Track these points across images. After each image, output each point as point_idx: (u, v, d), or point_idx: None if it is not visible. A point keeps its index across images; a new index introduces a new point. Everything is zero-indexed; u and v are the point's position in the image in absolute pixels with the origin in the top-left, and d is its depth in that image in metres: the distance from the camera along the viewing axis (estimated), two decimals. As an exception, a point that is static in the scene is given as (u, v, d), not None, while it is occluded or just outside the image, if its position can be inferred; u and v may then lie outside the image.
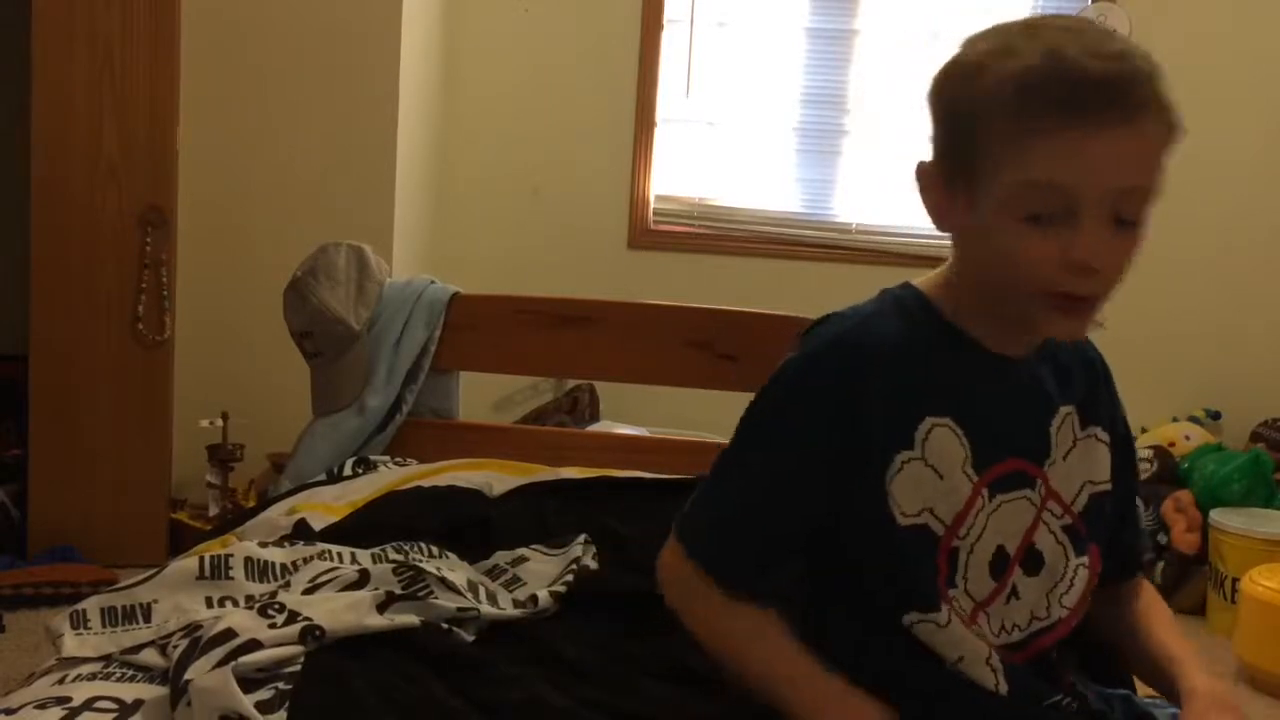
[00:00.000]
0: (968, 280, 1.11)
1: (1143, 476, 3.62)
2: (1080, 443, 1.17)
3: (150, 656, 1.28)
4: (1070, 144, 0.95)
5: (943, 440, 1.09)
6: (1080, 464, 1.17)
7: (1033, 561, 1.13)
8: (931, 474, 1.08)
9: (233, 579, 1.43)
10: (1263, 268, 3.89)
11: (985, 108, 0.99)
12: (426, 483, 1.97)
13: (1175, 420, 3.78)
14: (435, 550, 1.60)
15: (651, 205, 4.14)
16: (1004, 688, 1.09)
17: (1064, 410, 1.16)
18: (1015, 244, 1.00)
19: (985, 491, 1.10)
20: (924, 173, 1.09)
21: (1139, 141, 0.97)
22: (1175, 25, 3.85)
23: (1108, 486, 1.18)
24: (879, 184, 4.05)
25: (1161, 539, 3.38)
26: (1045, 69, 0.95)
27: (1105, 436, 1.19)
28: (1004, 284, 1.04)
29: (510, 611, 1.45)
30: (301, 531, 1.70)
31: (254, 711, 1.10)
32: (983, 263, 1.07)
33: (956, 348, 1.11)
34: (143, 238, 3.15)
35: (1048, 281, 1.00)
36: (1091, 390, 1.20)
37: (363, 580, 1.40)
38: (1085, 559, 1.16)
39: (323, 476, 2.09)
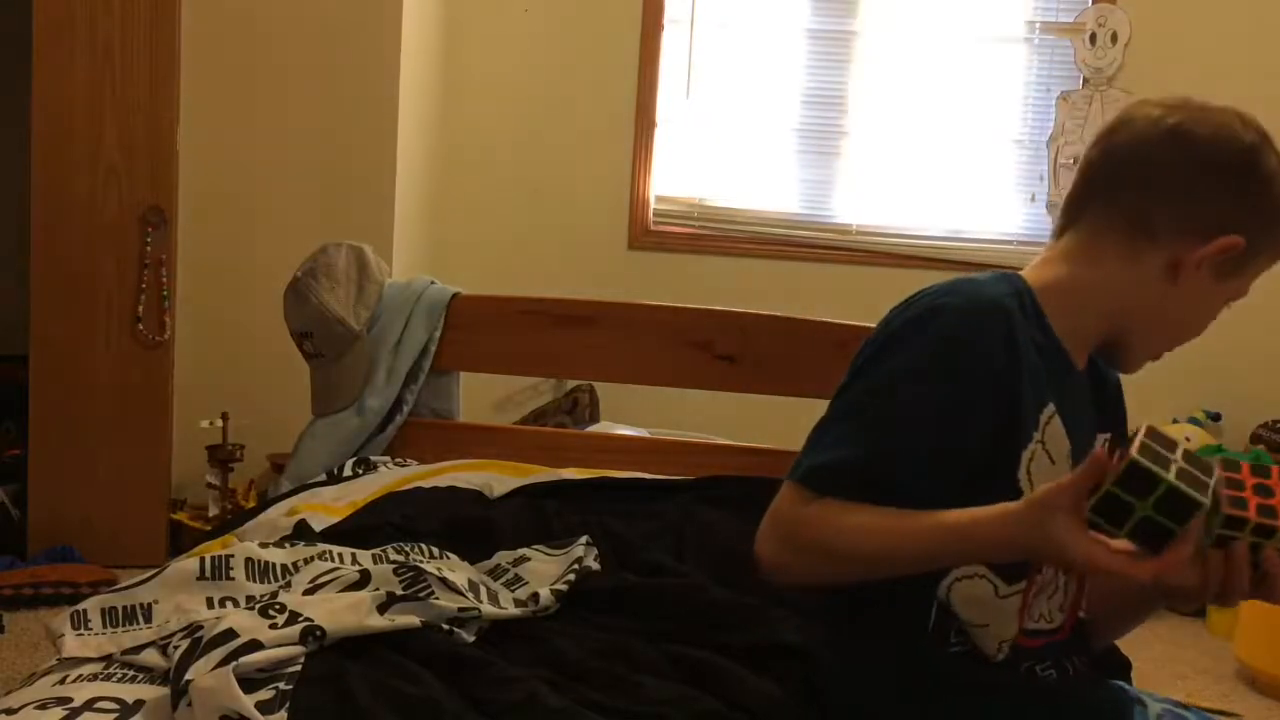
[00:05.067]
0: (1102, 305, 1.18)
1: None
2: None
3: (151, 657, 1.28)
4: None
5: (1056, 430, 1.14)
6: None
7: None
8: (1048, 461, 1.12)
9: (233, 579, 1.43)
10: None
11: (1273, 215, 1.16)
12: (427, 483, 1.97)
13: (1175, 421, 3.79)
14: (436, 551, 1.60)
15: (651, 206, 4.14)
16: (1002, 655, 1.15)
17: (1101, 437, 1.23)
18: (1212, 312, 1.21)
19: None
20: (1237, 245, 1.15)
21: None
22: (1175, 26, 3.85)
23: None
24: (879, 185, 4.05)
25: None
26: None
27: None
28: (1168, 333, 1.20)
29: (511, 610, 1.45)
30: (302, 532, 1.71)
31: (255, 712, 1.10)
32: (1169, 313, 1.18)
33: (1053, 350, 1.16)
34: (143, 238, 3.15)
35: (1181, 342, 1.21)
36: (1116, 416, 1.28)
37: (363, 581, 1.40)
38: None
39: (323, 477, 2.09)
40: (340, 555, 1.53)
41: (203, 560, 1.45)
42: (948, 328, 1.08)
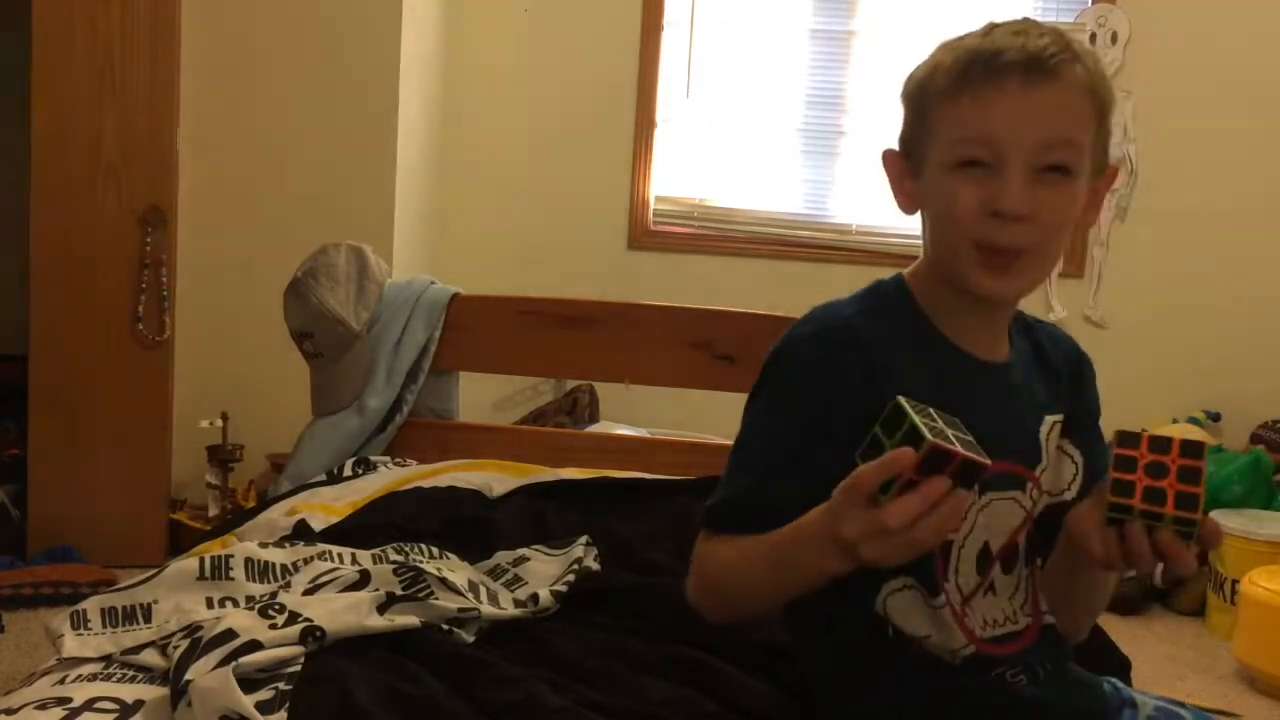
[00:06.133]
0: (934, 265, 1.16)
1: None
2: (1057, 454, 1.21)
3: (151, 657, 1.28)
4: (996, 99, 1.07)
5: None
6: (1053, 474, 1.20)
7: (1011, 559, 1.16)
8: None
9: (233, 579, 1.43)
10: (1263, 269, 3.89)
11: (931, 84, 1.12)
12: (427, 483, 1.97)
13: (1175, 421, 3.78)
14: (436, 551, 1.60)
15: (651, 206, 4.14)
16: (958, 663, 1.13)
17: (1051, 419, 1.20)
18: (948, 193, 1.10)
19: (977, 487, 1.11)
20: (889, 157, 1.20)
21: (1057, 97, 1.07)
22: (1175, 26, 3.85)
23: (1066, 499, 1.21)
24: (878, 185, 4.04)
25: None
26: (978, 47, 1.09)
27: (1075, 453, 1.22)
28: (943, 245, 1.13)
29: (511, 611, 1.45)
30: (301, 532, 1.71)
31: (254, 712, 1.10)
32: (932, 229, 1.15)
33: (933, 347, 1.15)
34: (143, 238, 3.15)
35: (973, 229, 1.08)
36: (1077, 398, 1.23)
37: (363, 581, 1.40)
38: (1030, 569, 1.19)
39: (323, 477, 2.09)
40: (340, 555, 1.53)
41: (203, 560, 1.45)
42: (798, 358, 1.14)
